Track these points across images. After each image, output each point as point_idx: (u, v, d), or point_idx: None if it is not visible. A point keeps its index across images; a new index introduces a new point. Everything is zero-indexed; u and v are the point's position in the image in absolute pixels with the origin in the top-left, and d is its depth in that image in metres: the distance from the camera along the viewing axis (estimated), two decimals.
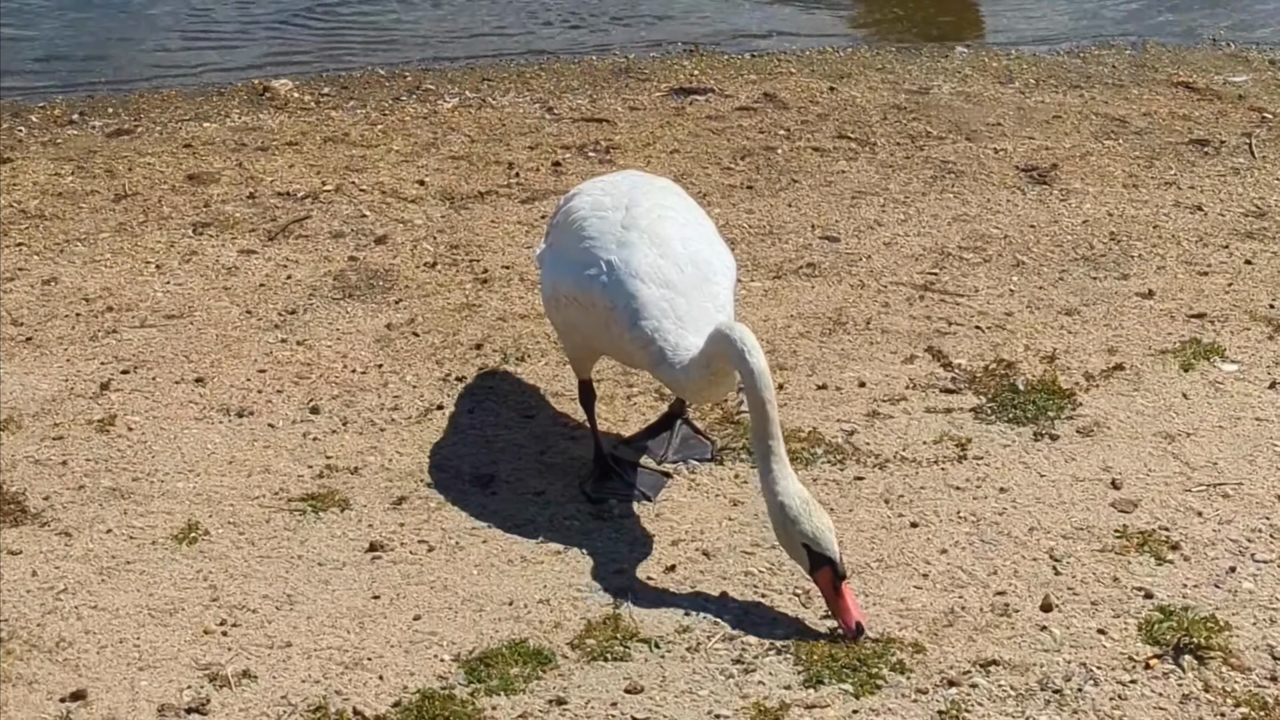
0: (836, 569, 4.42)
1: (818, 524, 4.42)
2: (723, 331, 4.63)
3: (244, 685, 4.34)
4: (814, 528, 4.42)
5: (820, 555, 4.43)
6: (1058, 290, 6.43)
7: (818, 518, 4.43)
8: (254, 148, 7.77)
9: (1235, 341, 6.00)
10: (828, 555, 4.41)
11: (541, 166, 7.60)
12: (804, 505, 4.44)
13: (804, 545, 4.44)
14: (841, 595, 4.44)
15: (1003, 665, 4.35)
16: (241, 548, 4.91)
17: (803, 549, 4.45)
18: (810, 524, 4.42)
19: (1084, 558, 4.79)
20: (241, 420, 5.57)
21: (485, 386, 5.80)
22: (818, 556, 4.43)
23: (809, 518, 4.42)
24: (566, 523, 5.03)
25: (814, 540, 4.42)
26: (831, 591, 4.45)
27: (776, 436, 4.51)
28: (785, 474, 4.49)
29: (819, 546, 4.42)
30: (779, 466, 4.49)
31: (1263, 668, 4.32)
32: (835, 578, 4.42)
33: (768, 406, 4.50)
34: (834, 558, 4.41)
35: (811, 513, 4.43)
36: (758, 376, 4.51)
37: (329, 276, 6.55)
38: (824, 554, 4.42)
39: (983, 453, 5.34)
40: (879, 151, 7.76)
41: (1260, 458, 5.28)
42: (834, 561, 4.41)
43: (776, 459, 4.50)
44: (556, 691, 4.30)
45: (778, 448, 4.50)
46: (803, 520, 4.42)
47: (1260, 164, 7.58)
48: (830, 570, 4.42)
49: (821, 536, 4.41)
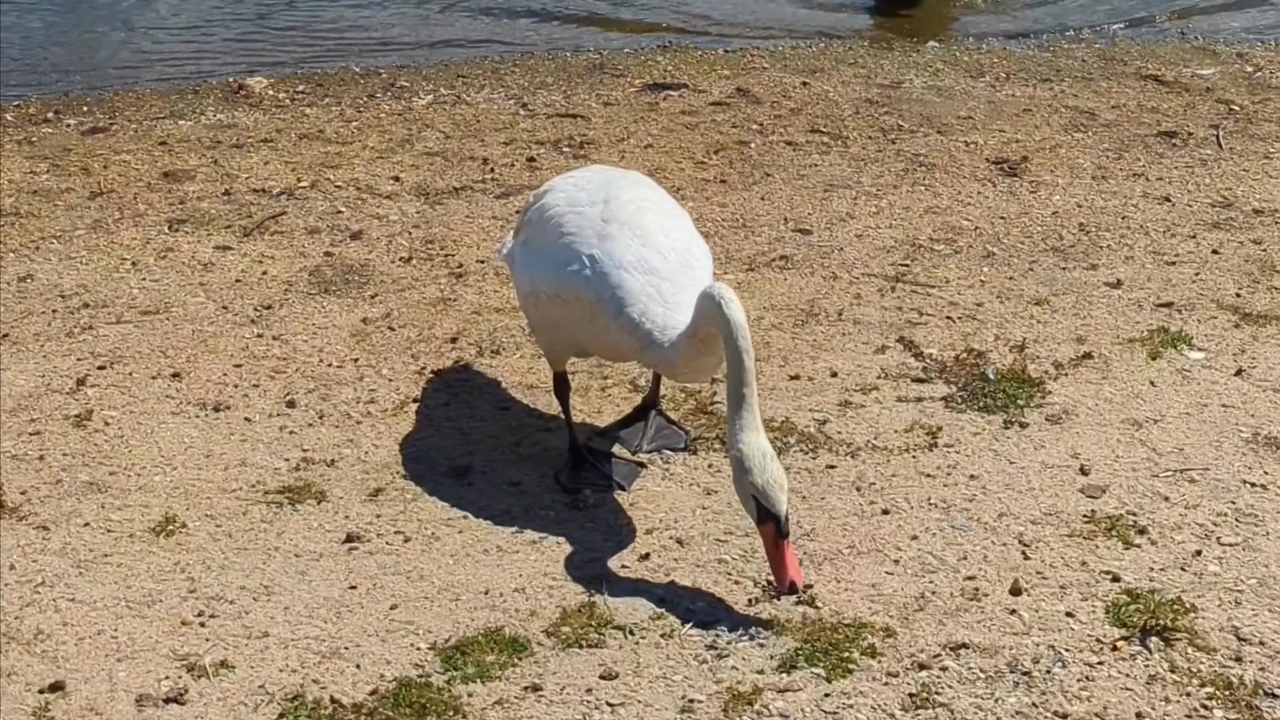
0: (780, 526, 4.47)
1: (769, 478, 4.46)
2: (704, 291, 4.67)
3: (222, 675, 4.38)
4: (764, 481, 4.46)
5: (766, 510, 4.48)
6: (1027, 280, 6.50)
7: (771, 472, 4.47)
8: (229, 145, 7.80)
9: (1202, 330, 6.07)
10: (772, 510, 4.47)
11: (516, 162, 7.64)
12: (760, 458, 4.49)
13: (753, 496, 4.49)
14: (781, 551, 4.49)
15: (972, 648, 4.41)
16: (219, 540, 4.95)
17: (752, 499, 4.51)
18: (761, 476, 4.46)
19: (1053, 542, 4.85)
20: (218, 414, 5.61)
21: (461, 379, 5.84)
22: (764, 510, 4.49)
23: (761, 471, 4.47)
24: (542, 513, 5.08)
25: (762, 493, 4.47)
26: (772, 546, 4.51)
27: (750, 386, 4.55)
28: (752, 425, 4.54)
29: (766, 500, 4.47)
30: (748, 417, 4.54)
31: (1227, 648, 4.38)
32: (778, 534, 4.48)
33: (744, 356, 4.54)
34: (778, 514, 4.47)
35: (766, 466, 4.48)
36: (735, 327, 4.55)
37: (304, 272, 6.58)
38: (769, 508, 4.47)
39: (953, 440, 5.40)
40: (851, 145, 7.82)
41: (1226, 443, 5.34)
42: (778, 518, 4.47)
43: (748, 409, 4.54)
44: (532, 678, 4.35)
45: (750, 398, 4.54)
46: (755, 472, 4.47)
47: (1227, 155, 7.66)
48: (774, 526, 4.48)
49: (770, 490, 4.46)
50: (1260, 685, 4.23)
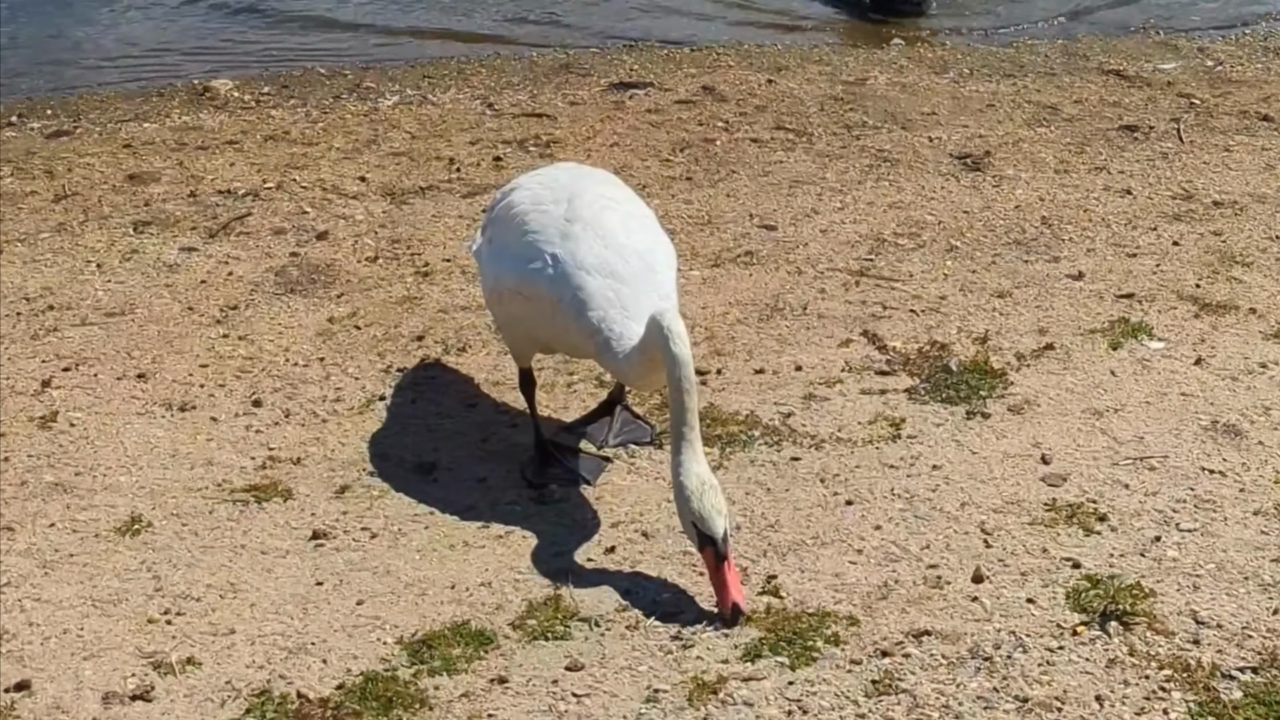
0: (718, 550, 4.52)
1: (707, 505, 4.54)
2: (654, 318, 4.71)
3: (188, 671, 4.38)
4: (702, 508, 4.53)
5: (705, 535, 4.54)
6: (990, 273, 6.54)
7: (709, 500, 4.54)
8: (194, 147, 7.81)
9: (1162, 320, 6.13)
10: (710, 535, 4.53)
11: (482, 161, 7.66)
12: (699, 486, 4.56)
13: (692, 523, 4.56)
14: (722, 574, 4.54)
15: (935, 635, 4.44)
16: (184, 538, 4.95)
17: (693, 526, 4.57)
18: (700, 504, 4.54)
19: (1014, 530, 4.90)
20: (184, 414, 5.61)
21: (427, 377, 5.86)
22: (704, 536, 4.55)
23: (700, 498, 4.54)
24: (508, 508, 5.10)
25: (699, 518, 4.54)
26: (713, 569, 4.56)
27: (692, 424, 4.63)
28: (694, 457, 4.61)
29: (704, 526, 4.54)
30: (688, 450, 4.62)
31: (1185, 632, 4.43)
32: (717, 558, 4.53)
33: (686, 396, 4.61)
34: (716, 539, 4.52)
35: (704, 494, 4.55)
36: (678, 364, 4.61)
37: (271, 272, 6.59)
38: (708, 534, 4.53)
39: (916, 432, 5.44)
40: (816, 142, 7.86)
41: (1185, 431, 5.39)
42: (715, 542, 4.52)
43: (688, 444, 4.62)
44: (498, 670, 4.37)
45: (691, 434, 4.62)
46: (694, 500, 4.55)
47: (1188, 148, 7.72)
48: (712, 550, 4.53)
49: (708, 516, 4.53)
50: (1217, 667, 4.28)
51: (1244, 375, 5.74)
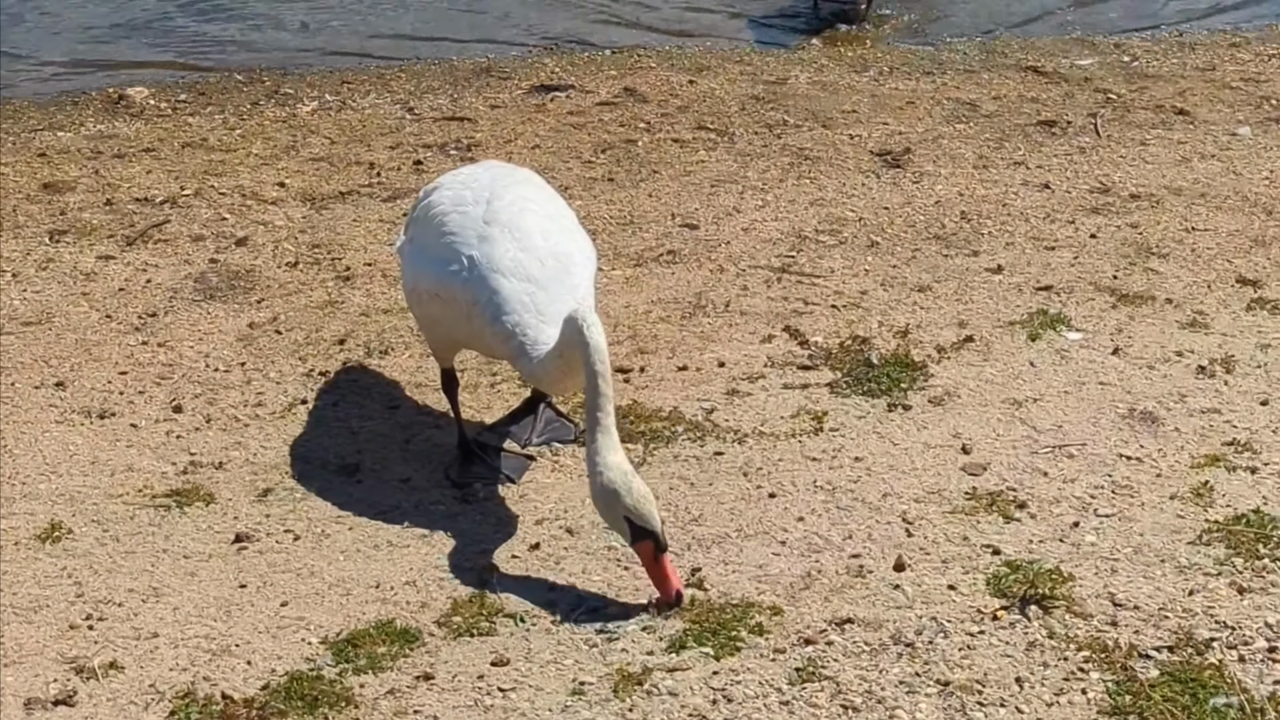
0: (658, 541, 4.49)
1: (638, 496, 4.47)
2: (570, 316, 4.71)
3: (111, 676, 4.36)
4: (634, 500, 4.46)
5: (641, 528, 4.49)
6: (911, 268, 6.60)
7: (639, 490, 4.48)
8: (110, 155, 7.74)
9: (1080, 311, 6.20)
10: (648, 528, 4.48)
11: (403, 165, 7.64)
12: (624, 478, 4.49)
13: (625, 517, 4.50)
14: (661, 565, 4.51)
15: (857, 623, 4.48)
16: (106, 544, 4.92)
17: (624, 521, 4.51)
18: (631, 497, 4.46)
19: (935, 519, 4.94)
20: (104, 421, 5.57)
21: (349, 380, 5.84)
22: (639, 529, 4.49)
23: (629, 491, 4.47)
24: (432, 507, 5.10)
25: (634, 512, 4.47)
26: (652, 562, 4.52)
27: (607, 411, 4.58)
28: (610, 447, 4.55)
29: (640, 519, 4.47)
30: (604, 439, 4.55)
31: (1103, 614, 4.48)
32: (656, 549, 4.49)
33: (601, 382, 4.59)
34: (655, 530, 4.48)
35: (632, 486, 4.48)
36: (593, 350, 4.60)
37: (189, 279, 6.55)
38: (645, 527, 4.48)
39: (838, 425, 5.48)
40: (737, 141, 7.90)
41: (1103, 419, 5.46)
42: (655, 534, 4.48)
43: (604, 432, 4.56)
44: (424, 668, 4.37)
45: (606, 421, 4.57)
46: (623, 493, 4.47)
47: (1105, 143, 7.81)
48: (652, 542, 4.49)
49: (642, 508, 4.47)
50: (1135, 647, 4.34)
51: (1160, 364, 5.81)
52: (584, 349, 4.62)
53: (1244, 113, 8.15)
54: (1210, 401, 5.56)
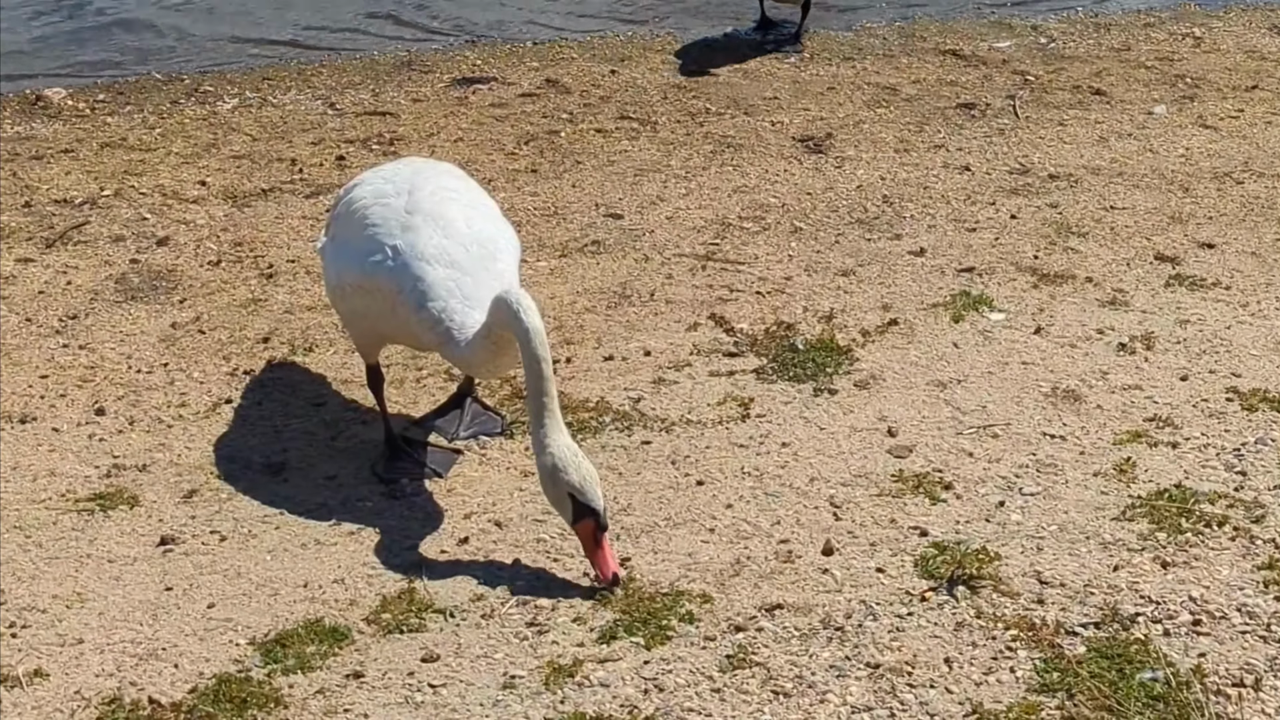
0: (600, 520, 4.53)
1: (584, 474, 4.54)
2: (499, 296, 4.71)
3: (35, 684, 4.31)
4: (580, 478, 4.53)
5: (584, 506, 4.53)
6: (834, 253, 6.63)
7: (584, 469, 4.54)
8: (28, 157, 7.65)
9: (1002, 292, 6.25)
10: (591, 505, 4.52)
11: (325, 161, 7.60)
12: (572, 457, 4.55)
13: (569, 495, 4.54)
14: (601, 546, 4.56)
15: (787, 608, 4.49)
16: (28, 550, 4.86)
17: (568, 499, 4.56)
18: (577, 474, 4.53)
19: (863, 503, 4.97)
20: (25, 426, 5.51)
21: (274, 378, 5.80)
22: (581, 507, 4.54)
23: (576, 469, 4.54)
24: (359, 504, 5.07)
25: (579, 490, 4.53)
26: (592, 542, 4.56)
27: (550, 394, 4.61)
28: (556, 428, 4.60)
29: (584, 497, 4.53)
30: (550, 421, 4.60)
31: (1030, 592, 4.52)
32: (597, 529, 4.53)
33: (542, 365, 4.59)
34: (598, 509, 4.53)
35: (579, 464, 4.55)
36: (532, 334, 4.60)
37: (110, 280, 6.49)
38: (588, 504, 4.53)
39: (765, 411, 5.49)
40: (660, 130, 7.90)
41: (1026, 399, 5.51)
42: (597, 512, 4.53)
43: (549, 414, 4.60)
44: (354, 666, 4.35)
45: (551, 404, 4.61)
46: (570, 471, 4.53)
47: (1023, 124, 7.87)
48: (593, 522, 4.54)
49: (587, 487, 4.53)
50: (1061, 624, 4.38)
51: (1082, 342, 5.87)
52: (521, 333, 4.61)
53: (1159, 91, 8.24)
54: (1131, 378, 5.62)
